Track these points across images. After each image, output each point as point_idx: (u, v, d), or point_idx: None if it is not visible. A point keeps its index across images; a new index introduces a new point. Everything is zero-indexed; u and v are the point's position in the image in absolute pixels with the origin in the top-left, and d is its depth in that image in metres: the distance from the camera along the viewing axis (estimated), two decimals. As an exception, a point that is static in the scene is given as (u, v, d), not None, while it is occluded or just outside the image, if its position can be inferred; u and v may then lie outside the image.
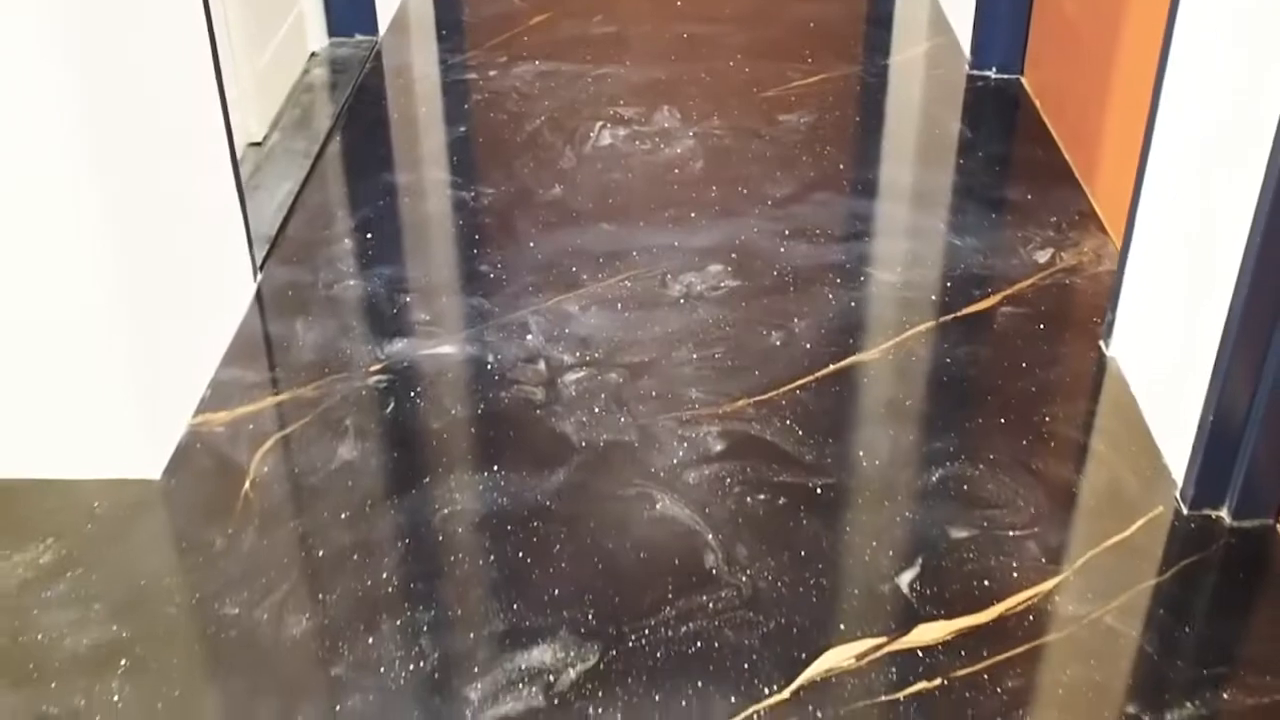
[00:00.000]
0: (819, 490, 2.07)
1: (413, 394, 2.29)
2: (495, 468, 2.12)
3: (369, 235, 2.77)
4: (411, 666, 1.78)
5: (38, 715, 1.72)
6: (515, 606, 1.87)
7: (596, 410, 2.24)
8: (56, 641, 1.82)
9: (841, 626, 1.83)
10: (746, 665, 1.77)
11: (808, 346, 2.40)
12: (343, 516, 2.02)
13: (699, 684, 1.74)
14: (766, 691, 1.74)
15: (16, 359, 2.01)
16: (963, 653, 1.79)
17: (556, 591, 1.89)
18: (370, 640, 1.81)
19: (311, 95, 3.36)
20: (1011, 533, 1.98)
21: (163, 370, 2.15)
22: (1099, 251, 2.65)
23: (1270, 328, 1.88)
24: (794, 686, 1.74)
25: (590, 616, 1.85)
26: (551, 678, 1.76)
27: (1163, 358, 2.16)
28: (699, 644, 1.80)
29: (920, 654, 1.79)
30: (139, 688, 1.75)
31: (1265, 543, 1.97)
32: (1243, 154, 1.85)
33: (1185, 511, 2.02)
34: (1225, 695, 1.73)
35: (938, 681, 1.75)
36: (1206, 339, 1.96)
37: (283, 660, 1.79)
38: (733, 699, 1.72)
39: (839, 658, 1.78)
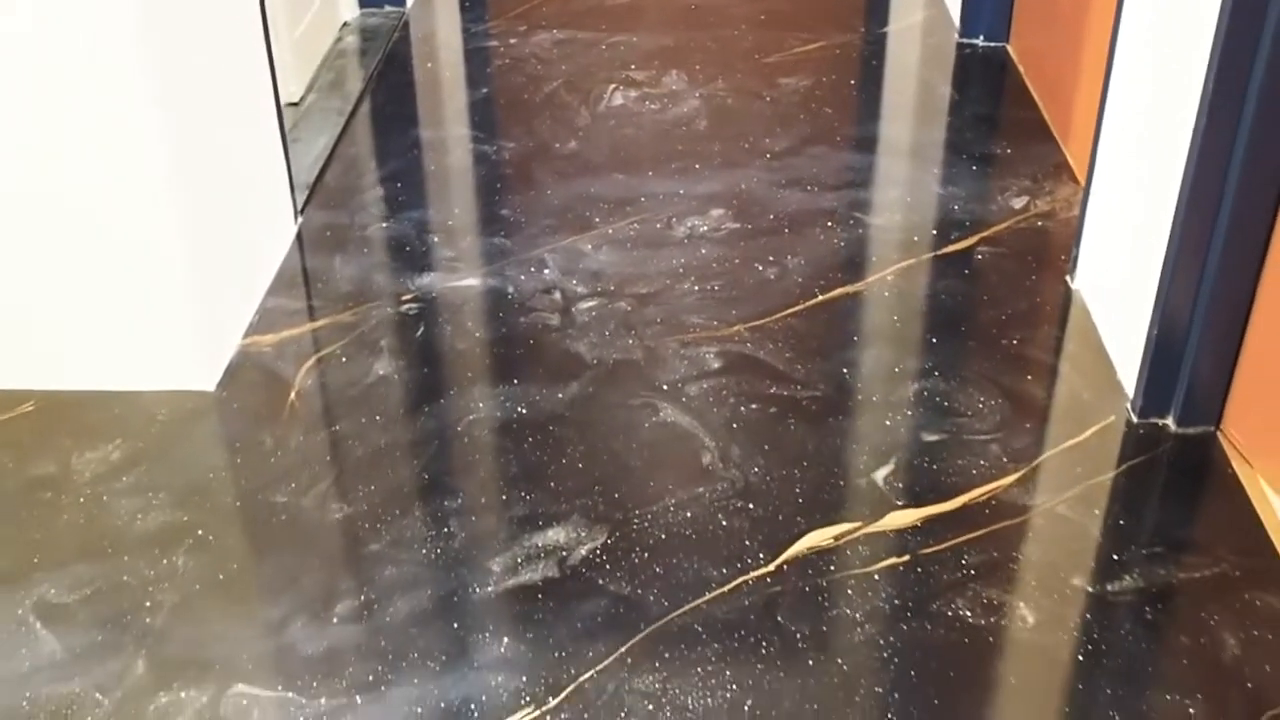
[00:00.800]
0: (805, 401, 2.30)
1: (440, 319, 2.53)
2: (515, 381, 2.36)
3: (398, 184, 3.01)
4: (441, 545, 2.01)
5: (114, 583, 1.96)
6: (533, 496, 2.10)
7: (606, 333, 2.48)
8: (128, 524, 2.06)
9: (822, 513, 2.06)
10: (737, 544, 2.01)
11: (799, 280, 2.63)
12: (378, 421, 2.26)
13: (695, 558, 1.98)
14: (754, 565, 1.97)
15: (92, 287, 2.25)
16: (929, 535, 2.02)
17: (570, 484, 2.12)
18: (404, 523, 2.05)
19: (344, 61, 3.60)
20: (978, 437, 2.21)
21: (216, 297, 2.40)
22: (1070, 199, 2.88)
23: (1204, 256, 2.11)
24: (778, 561, 1.98)
25: (599, 504, 2.08)
26: (565, 553, 2.00)
27: (1118, 287, 2.39)
28: (695, 526, 2.04)
29: (891, 535, 2.02)
30: (201, 562, 2.00)
31: (1206, 446, 2.20)
32: (1177, 108, 2.08)
33: (1135, 420, 2.25)
34: (1160, 571, 1.96)
35: (906, 558, 1.98)
36: (1152, 268, 2.19)
37: (326, 539, 2.03)
38: (724, 570, 1.96)
39: (819, 538, 2.02)
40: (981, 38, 3.62)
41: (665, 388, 2.34)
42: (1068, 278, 2.61)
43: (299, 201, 2.86)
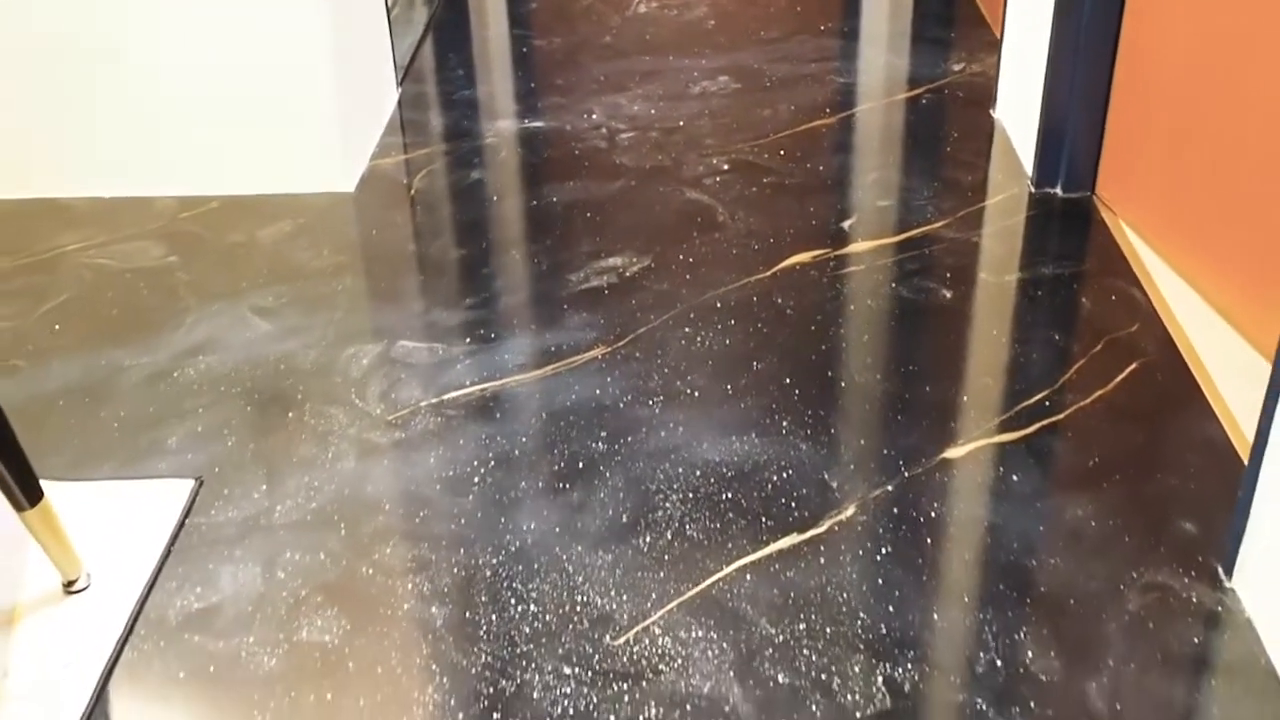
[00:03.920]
0: (791, 185, 3.13)
1: (517, 146, 3.36)
2: (577, 180, 3.19)
3: (473, 66, 3.85)
4: (532, 269, 2.84)
5: (303, 295, 2.78)
6: (596, 241, 2.93)
7: (643, 151, 3.31)
8: (305, 263, 2.89)
9: (803, 244, 2.89)
10: (743, 262, 2.83)
11: (787, 117, 3.46)
12: (477, 204, 3.09)
13: (714, 270, 2.80)
14: (756, 272, 2.79)
15: (267, 117, 3.09)
16: (880, 255, 2.84)
17: (622, 234, 2.95)
18: (505, 258, 2.88)
19: (416, -10, 4.45)
20: (918, 202, 3.04)
21: (352, 129, 3.23)
22: (997, 65, 3.71)
23: (1071, 71, 2.94)
24: (772, 271, 2.80)
25: (644, 243, 2.91)
26: (621, 270, 2.82)
27: (1019, 104, 3.22)
28: (714, 254, 2.86)
29: (852, 255, 2.85)
30: (362, 283, 2.82)
31: (1084, 204, 3.02)
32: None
33: (1033, 190, 3.07)
34: (1044, 270, 2.77)
35: (863, 266, 2.80)
36: (1038, 89, 3.02)
37: (451, 269, 2.86)
38: (734, 275, 2.78)
39: (800, 258, 2.84)
40: (934, -40, 4.47)
41: (688, 179, 3.17)
42: (991, 110, 3.44)
43: (398, 77, 3.70)
